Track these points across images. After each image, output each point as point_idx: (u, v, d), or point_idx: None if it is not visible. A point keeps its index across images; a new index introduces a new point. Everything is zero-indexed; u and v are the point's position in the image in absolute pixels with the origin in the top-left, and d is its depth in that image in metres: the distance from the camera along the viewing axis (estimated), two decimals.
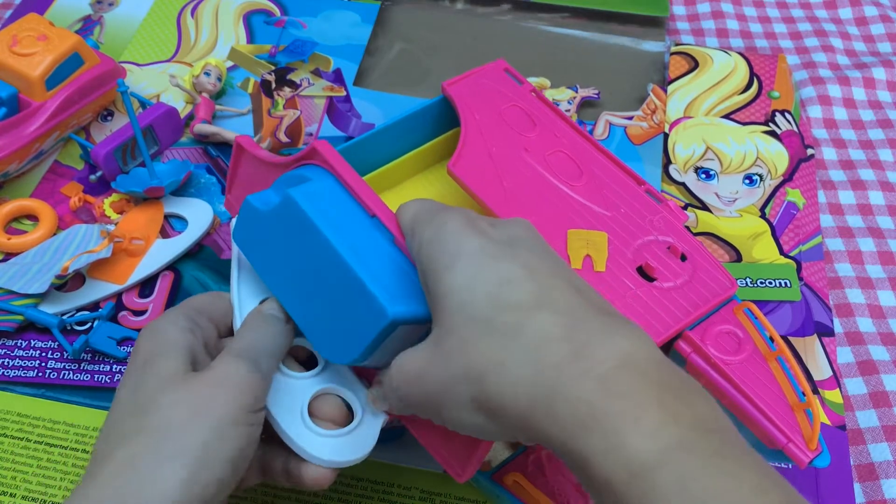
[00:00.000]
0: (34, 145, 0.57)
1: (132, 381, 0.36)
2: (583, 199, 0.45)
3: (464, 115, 0.47)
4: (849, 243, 0.58)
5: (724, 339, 0.41)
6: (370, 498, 0.45)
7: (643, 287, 0.41)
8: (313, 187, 0.39)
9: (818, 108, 0.66)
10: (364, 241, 0.38)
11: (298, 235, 0.38)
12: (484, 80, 0.50)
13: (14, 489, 0.45)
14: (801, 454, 0.38)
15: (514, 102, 0.49)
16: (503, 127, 0.47)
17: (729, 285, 0.42)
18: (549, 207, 0.44)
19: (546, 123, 0.48)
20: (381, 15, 0.73)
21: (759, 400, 0.39)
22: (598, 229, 0.43)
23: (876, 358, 0.52)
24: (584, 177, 0.46)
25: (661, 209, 0.45)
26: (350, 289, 0.36)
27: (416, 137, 0.49)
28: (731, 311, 0.42)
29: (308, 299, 0.38)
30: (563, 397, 0.28)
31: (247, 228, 0.41)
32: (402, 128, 0.48)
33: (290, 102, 0.64)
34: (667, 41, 0.72)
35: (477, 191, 0.44)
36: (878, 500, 0.46)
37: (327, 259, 0.37)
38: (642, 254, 0.43)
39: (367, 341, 0.35)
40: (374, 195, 0.40)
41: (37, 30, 0.58)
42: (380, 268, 0.36)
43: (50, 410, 0.48)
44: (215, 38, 0.70)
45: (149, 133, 0.59)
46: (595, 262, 0.42)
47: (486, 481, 0.44)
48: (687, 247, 0.43)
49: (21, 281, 0.51)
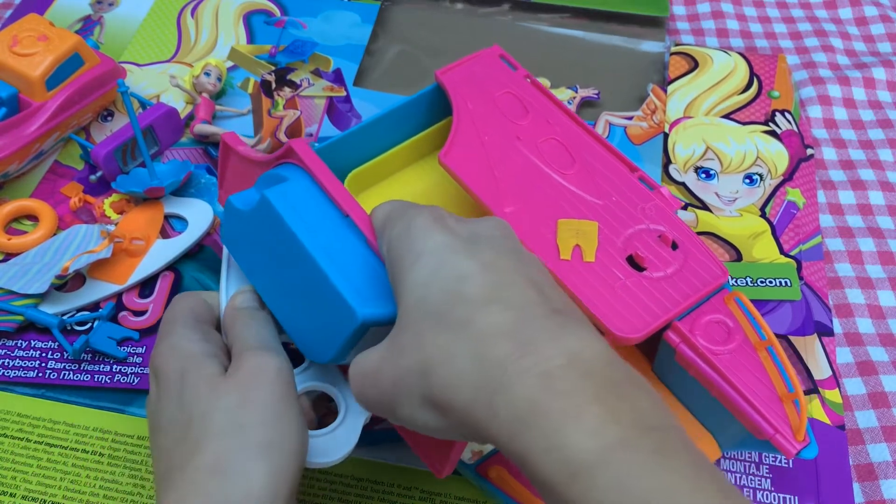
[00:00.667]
0: (34, 145, 0.57)
1: (174, 398, 0.36)
2: (574, 188, 0.45)
3: (456, 103, 0.47)
4: (849, 243, 0.58)
5: (714, 328, 0.41)
6: (370, 498, 0.45)
7: (633, 277, 0.41)
8: (289, 187, 0.40)
9: (818, 108, 0.66)
10: (337, 241, 0.38)
11: (275, 236, 0.38)
12: (478, 66, 0.49)
13: (14, 489, 0.45)
14: (789, 445, 0.38)
15: (507, 89, 0.48)
16: (496, 115, 0.47)
17: (720, 273, 0.42)
18: (540, 197, 0.44)
19: (539, 110, 0.48)
20: (381, 15, 0.73)
21: (746, 390, 0.39)
22: (589, 218, 0.43)
23: (875, 359, 0.52)
24: (576, 164, 0.45)
25: (653, 196, 0.44)
26: (322, 290, 0.36)
27: (410, 128, 0.49)
28: (722, 301, 0.41)
29: (288, 299, 0.39)
30: (505, 393, 0.28)
31: (231, 227, 0.41)
32: (394, 118, 0.48)
33: (291, 103, 0.64)
34: (667, 41, 0.72)
35: (468, 181, 0.44)
36: (878, 501, 0.46)
37: (301, 260, 0.37)
38: (633, 243, 0.42)
39: (340, 342, 0.35)
40: (349, 195, 0.40)
41: (37, 30, 0.58)
42: (352, 269, 0.36)
43: (50, 410, 0.48)
44: (215, 39, 0.70)
45: (149, 133, 0.59)
46: (585, 252, 0.42)
47: (471, 473, 0.44)
48: (678, 235, 0.43)
49: (21, 281, 0.51)
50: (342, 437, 0.38)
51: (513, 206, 0.43)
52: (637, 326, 0.39)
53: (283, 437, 0.34)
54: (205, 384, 0.36)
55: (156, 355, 0.38)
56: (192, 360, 0.37)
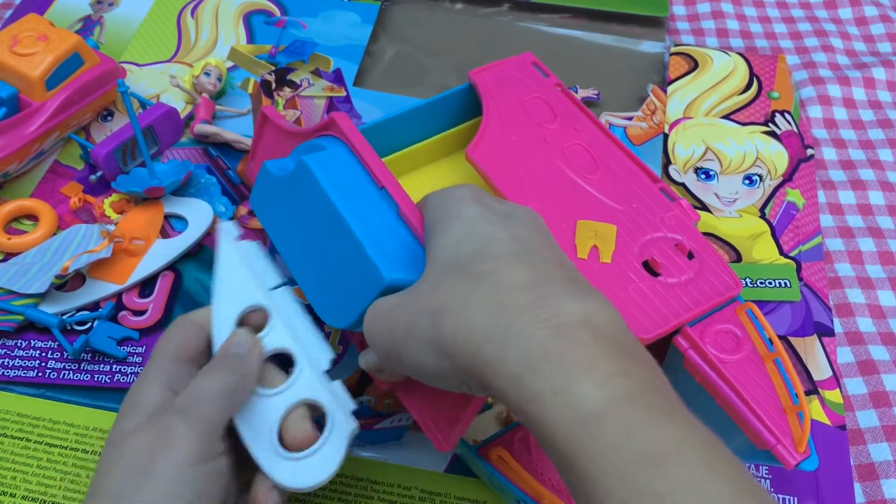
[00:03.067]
0: (34, 145, 0.57)
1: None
2: (596, 192, 0.45)
3: (486, 103, 0.48)
4: (849, 243, 0.58)
5: (723, 337, 0.41)
6: (370, 498, 0.45)
7: (646, 280, 0.42)
8: (327, 156, 0.41)
9: (818, 108, 0.66)
10: (370, 210, 0.39)
11: (309, 200, 0.39)
12: (510, 70, 0.51)
13: (14, 489, 0.45)
14: (789, 456, 0.38)
15: (537, 94, 0.49)
16: (524, 117, 0.48)
17: (733, 285, 0.42)
18: (561, 197, 0.45)
19: (567, 116, 0.49)
20: (381, 15, 0.73)
21: (751, 399, 0.39)
22: (609, 222, 0.44)
23: (876, 358, 0.52)
24: (599, 170, 0.46)
25: (673, 207, 0.45)
26: (351, 253, 0.37)
27: (439, 124, 0.50)
28: (733, 311, 0.42)
29: (313, 264, 0.40)
30: (518, 337, 0.28)
31: (263, 193, 0.43)
32: (425, 113, 0.49)
33: (291, 103, 0.64)
34: (666, 41, 0.72)
35: (492, 177, 0.45)
36: (878, 500, 0.46)
37: (333, 224, 0.38)
38: (649, 249, 0.43)
39: (364, 305, 0.36)
40: (385, 168, 0.41)
41: (37, 30, 0.58)
42: (382, 237, 0.37)
43: (50, 410, 0.48)
44: (215, 39, 0.70)
45: (149, 133, 0.59)
46: (601, 253, 0.42)
47: (472, 454, 0.44)
48: (695, 245, 0.43)
49: (21, 281, 0.51)
50: (325, 458, 0.38)
51: (534, 204, 0.44)
52: (648, 328, 0.40)
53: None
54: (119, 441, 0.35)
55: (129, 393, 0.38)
56: (141, 413, 0.36)
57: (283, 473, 0.37)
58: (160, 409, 0.36)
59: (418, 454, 0.46)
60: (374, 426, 0.47)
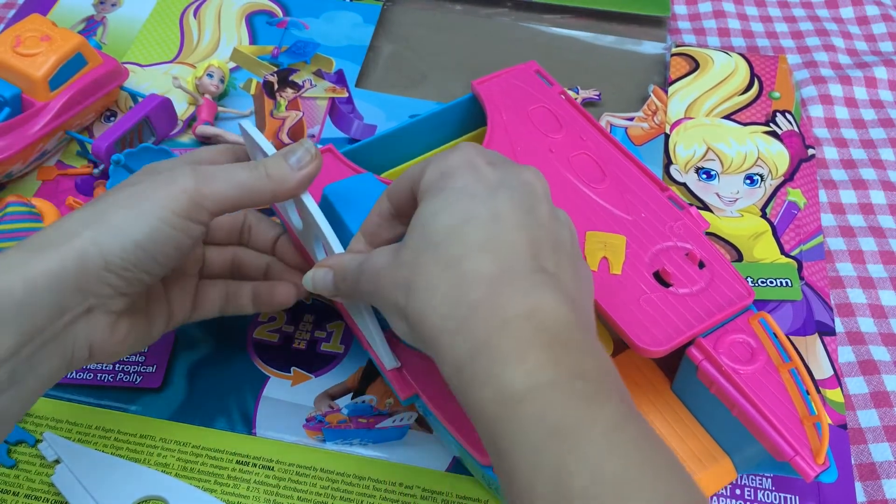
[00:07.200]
0: (37, 145, 0.58)
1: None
2: (604, 202, 0.45)
3: (491, 113, 0.48)
4: (850, 243, 0.58)
5: (738, 348, 0.41)
6: (372, 496, 0.45)
7: (658, 291, 0.41)
8: (346, 183, 0.43)
9: (819, 108, 0.66)
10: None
11: (334, 223, 0.41)
12: (514, 80, 0.50)
13: (17, 488, 0.45)
14: (808, 468, 0.38)
15: (542, 103, 0.49)
16: (529, 127, 0.48)
17: (746, 295, 0.42)
18: (569, 208, 0.44)
19: (573, 125, 0.48)
20: (382, 16, 0.73)
21: (768, 411, 0.39)
22: (618, 232, 0.44)
23: (877, 358, 0.52)
24: (607, 180, 0.46)
25: (682, 216, 0.45)
26: None
27: (443, 134, 0.50)
28: (747, 322, 0.41)
29: None
30: (469, 330, 0.31)
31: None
32: (429, 124, 0.49)
33: (293, 104, 0.64)
34: (668, 41, 0.72)
35: None
36: (879, 500, 0.46)
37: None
38: (660, 259, 0.43)
39: None
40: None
41: (40, 30, 0.58)
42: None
43: (52, 409, 0.48)
44: (218, 39, 0.70)
45: (145, 124, 0.59)
46: (612, 264, 0.42)
47: (467, 454, 0.44)
48: (706, 254, 0.43)
49: None
50: None
51: None
52: (661, 340, 0.40)
53: (131, 235, 0.36)
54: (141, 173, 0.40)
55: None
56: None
57: None
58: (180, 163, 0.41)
59: (420, 453, 0.46)
60: (376, 425, 0.47)
